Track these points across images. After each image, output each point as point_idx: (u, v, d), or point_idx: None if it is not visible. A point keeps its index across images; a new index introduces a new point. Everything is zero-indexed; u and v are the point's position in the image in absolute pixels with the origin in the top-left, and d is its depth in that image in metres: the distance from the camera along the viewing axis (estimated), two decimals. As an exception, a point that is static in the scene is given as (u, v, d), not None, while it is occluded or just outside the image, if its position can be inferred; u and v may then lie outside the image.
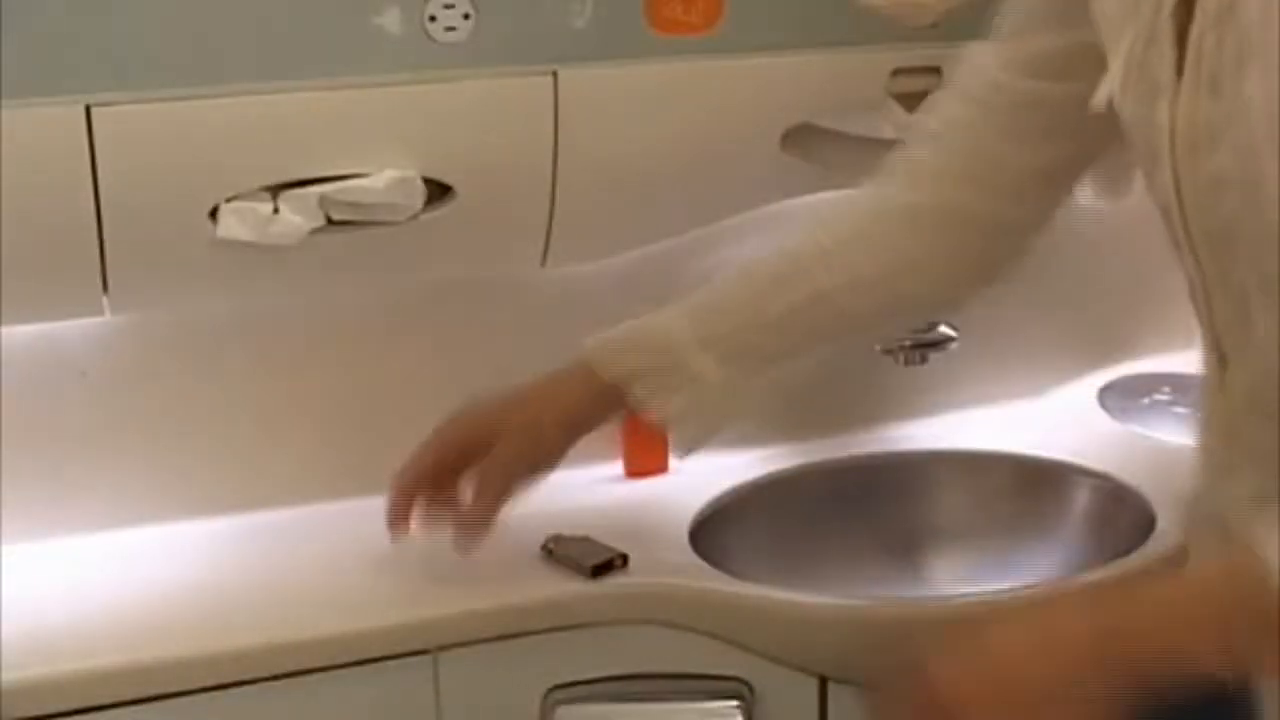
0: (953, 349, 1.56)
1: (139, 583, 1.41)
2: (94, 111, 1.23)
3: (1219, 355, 0.98)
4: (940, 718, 0.93)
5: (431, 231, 1.37)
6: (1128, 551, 1.40)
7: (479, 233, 1.40)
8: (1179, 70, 0.92)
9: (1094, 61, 1.00)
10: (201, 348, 1.51)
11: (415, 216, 1.36)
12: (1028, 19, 1.13)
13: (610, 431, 1.63)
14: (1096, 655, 0.90)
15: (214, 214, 1.30)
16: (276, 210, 1.31)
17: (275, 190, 1.32)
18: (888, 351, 1.56)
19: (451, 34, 1.30)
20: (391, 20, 1.28)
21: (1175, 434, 1.59)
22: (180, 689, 1.30)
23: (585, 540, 1.44)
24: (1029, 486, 1.61)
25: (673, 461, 1.64)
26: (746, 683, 1.40)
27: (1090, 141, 1.16)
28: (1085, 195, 1.69)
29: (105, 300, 1.34)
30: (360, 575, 1.42)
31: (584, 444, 1.62)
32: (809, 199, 1.55)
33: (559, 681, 1.39)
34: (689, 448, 1.36)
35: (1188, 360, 1.11)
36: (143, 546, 1.48)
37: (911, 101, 1.46)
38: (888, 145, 1.48)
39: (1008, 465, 1.62)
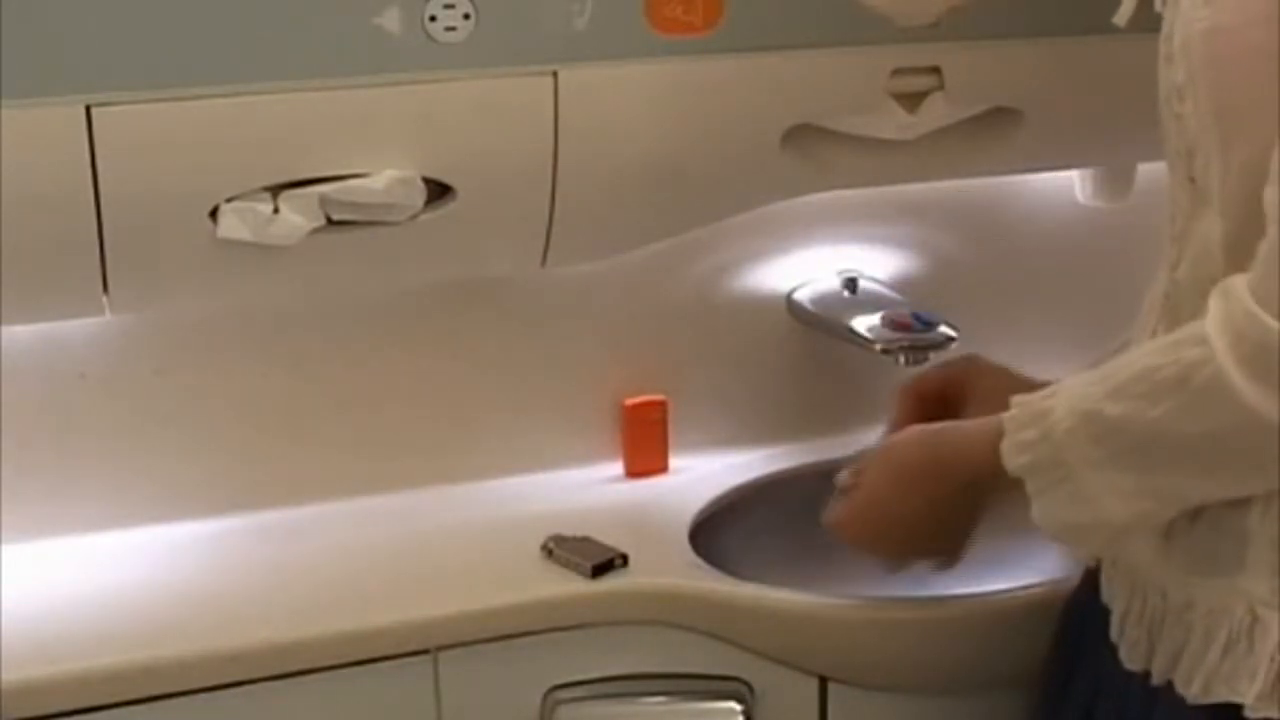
0: (953, 349, 1.56)
1: (139, 583, 1.42)
2: (94, 111, 1.23)
3: (1177, 243, 1.09)
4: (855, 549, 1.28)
5: (431, 231, 1.37)
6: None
7: (479, 233, 1.40)
8: None
9: None
10: (201, 348, 1.51)
11: (415, 216, 1.35)
12: None
13: (610, 431, 1.64)
14: (926, 472, 1.20)
15: (214, 214, 1.30)
16: (276, 210, 1.31)
17: (275, 190, 1.32)
18: (887, 351, 1.56)
19: (451, 34, 1.30)
20: (391, 20, 1.28)
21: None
22: (180, 689, 1.30)
23: (585, 540, 1.44)
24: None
25: (673, 461, 1.64)
26: (746, 683, 1.40)
27: None
28: (1085, 195, 1.70)
29: (105, 300, 1.34)
30: (360, 575, 1.43)
31: (584, 444, 1.63)
32: (809, 199, 1.55)
33: (559, 681, 1.39)
34: None
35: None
36: (143, 546, 1.48)
37: (911, 101, 1.46)
38: (888, 145, 1.49)
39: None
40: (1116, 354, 1.21)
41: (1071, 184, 1.70)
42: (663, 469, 1.64)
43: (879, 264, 1.67)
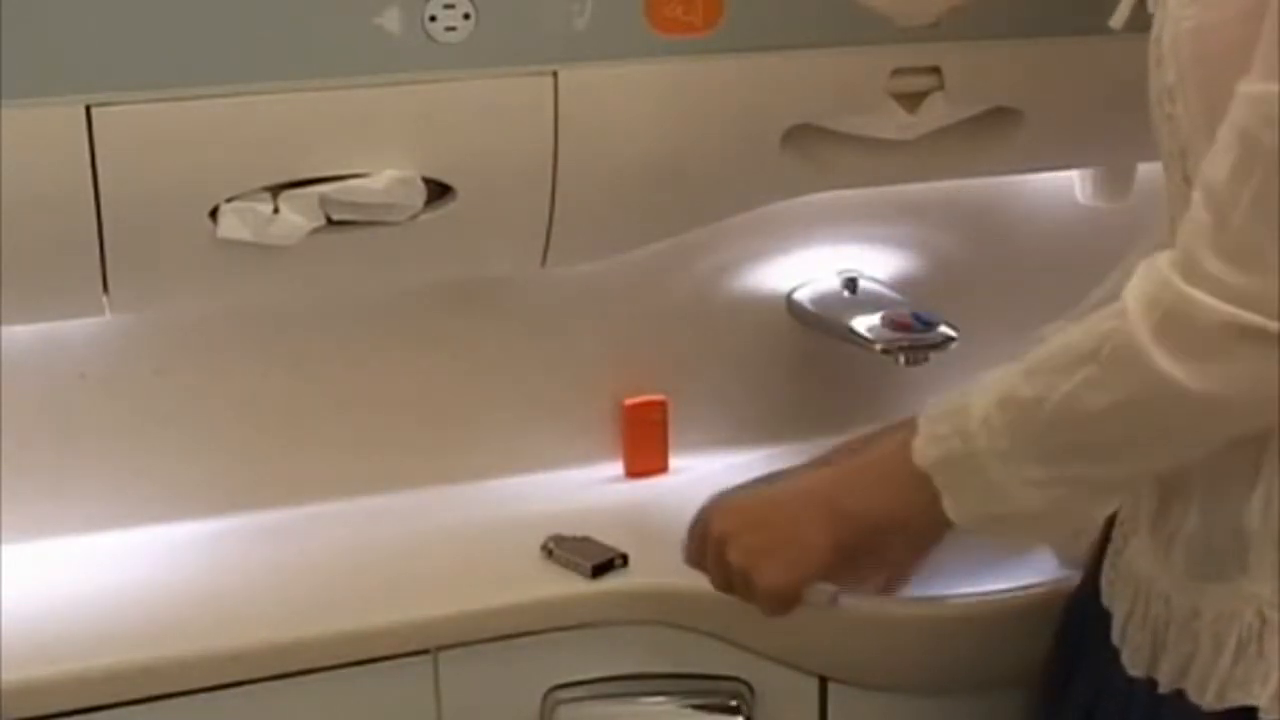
0: (953, 349, 1.56)
1: (139, 583, 1.42)
2: (94, 111, 1.23)
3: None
4: (712, 548, 1.25)
5: (431, 231, 1.37)
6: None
7: (479, 233, 1.40)
8: None
9: None
10: (202, 348, 1.51)
11: (415, 216, 1.36)
12: None
13: (610, 431, 1.64)
14: (828, 507, 1.19)
15: (214, 214, 1.30)
16: (276, 210, 1.31)
17: (275, 190, 1.32)
18: (887, 351, 1.56)
19: (451, 34, 1.30)
20: (391, 20, 1.28)
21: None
22: (180, 689, 1.30)
23: (585, 540, 1.44)
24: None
25: (673, 461, 1.64)
26: (746, 683, 1.40)
27: None
28: (1085, 195, 1.70)
29: (105, 300, 1.34)
30: (360, 575, 1.43)
31: (584, 444, 1.63)
32: (809, 199, 1.55)
33: (559, 681, 1.39)
34: None
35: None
36: (143, 546, 1.48)
37: (911, 101, 1.46)
38: (888, 145, 1.49)
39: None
40: None
41: (1071, 184, 1.70)
42: (663, 469, 1.64)
43: (879, 264, 1.67)
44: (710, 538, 1.26)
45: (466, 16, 1.30)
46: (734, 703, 1.39)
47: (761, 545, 1.22)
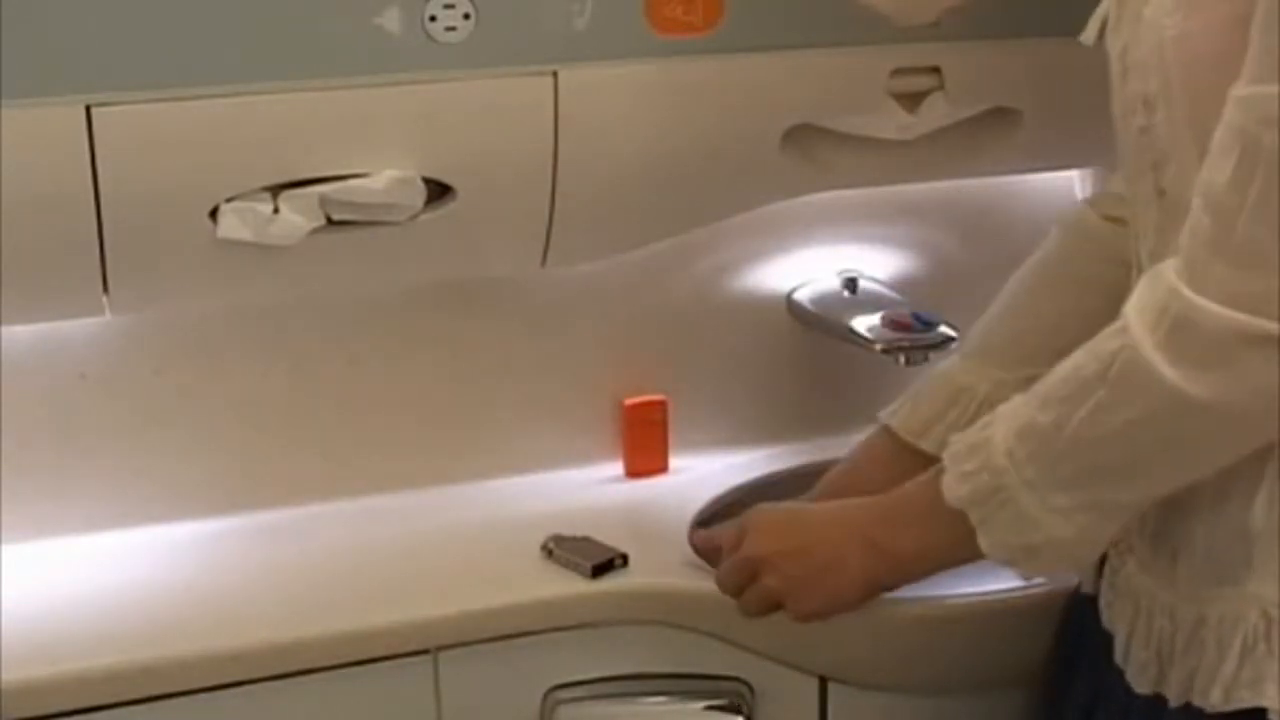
0: (953, 349, 1.56)
1: (139, 583, 1.42)
2: (94, 111, 1.23)
3: (1154, 259, 1.06)
4: (745, 564, 1.28)
5: (431, 231, 1.37)
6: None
7: (479, 233, 1.40)
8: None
9: None
10: (202, 348, 1.51)
11: (415, 216, 1.36)
12: None
13: (610, 431, 1.64)
14: (867, 542, 1.21)
15: (214, 214, 1.31)
16: (276, 210, 1.31)
17: (275, 190, 1.32)
18: (887, 351, 1.56)
19: (451, 34, 1.30)
20: (391, 20, 1.28)
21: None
22: (180, 689, 1.30)
23: (585, 540, 1.44)
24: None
25: (673, 461, 1.64)
26: (746, 683, 1.40)
27: None
28: (1085, 195, 1.69)
29: (105, 300, 1.34)
30: (360, 575, 1.42)
31: (584, 444, 1.63)
32: (809, 199, 1.55)
33: (559, 681, 1.39)
34: None
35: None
36: (143, 546, 1.48)
37: (911, 101, 1.46)
38: (888, 145, 1.49)
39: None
40: None
41: (1071, 184, 1.70)
42: (663, 469, 1.64)
43: (879, 264, 1.67)
44: (746, 556, 1.28)
45: (466, 16, 1.30)
46: (734, 703, 1.39)
47: (801, 574, 1.25)
